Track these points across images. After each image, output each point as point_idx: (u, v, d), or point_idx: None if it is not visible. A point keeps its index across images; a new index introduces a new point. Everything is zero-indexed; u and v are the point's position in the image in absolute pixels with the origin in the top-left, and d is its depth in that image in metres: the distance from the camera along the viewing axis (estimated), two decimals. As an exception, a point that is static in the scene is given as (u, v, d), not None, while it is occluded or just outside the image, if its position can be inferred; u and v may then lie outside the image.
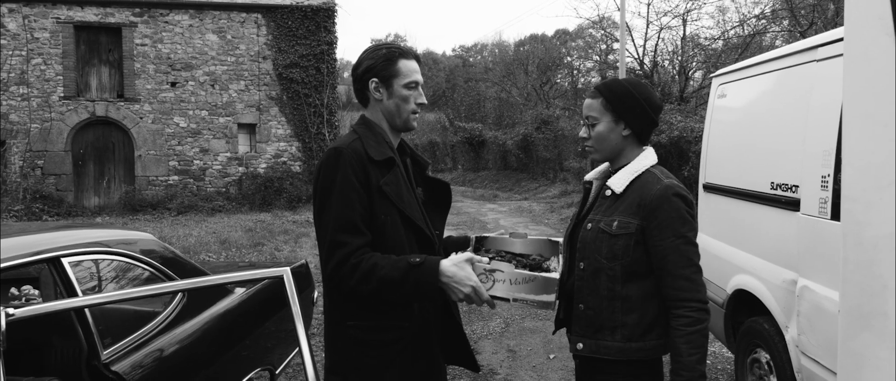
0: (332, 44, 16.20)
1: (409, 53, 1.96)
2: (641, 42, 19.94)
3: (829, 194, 2.57)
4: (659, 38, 19.83)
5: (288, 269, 1.65)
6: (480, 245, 2.12)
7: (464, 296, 1.72)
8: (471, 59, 57.60)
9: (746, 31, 19.36)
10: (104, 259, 2.35)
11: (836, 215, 2.55)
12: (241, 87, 15.91)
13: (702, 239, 4.01)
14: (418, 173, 2.11)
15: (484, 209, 15.78)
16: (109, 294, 1.89)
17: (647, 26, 19.96)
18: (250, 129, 16.12)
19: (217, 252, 9.42)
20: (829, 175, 2.57)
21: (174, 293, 2.58)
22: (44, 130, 14.83)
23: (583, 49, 36.82)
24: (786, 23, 17.28)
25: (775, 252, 3.06)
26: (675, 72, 20.20)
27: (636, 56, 19.62)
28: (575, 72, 37.52)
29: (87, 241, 2.29)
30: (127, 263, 2.43)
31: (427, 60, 55.14)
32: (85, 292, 2.16)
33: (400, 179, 1.90)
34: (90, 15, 15.07)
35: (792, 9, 15.45)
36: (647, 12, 20.27)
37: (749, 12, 21.72)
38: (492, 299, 1.73)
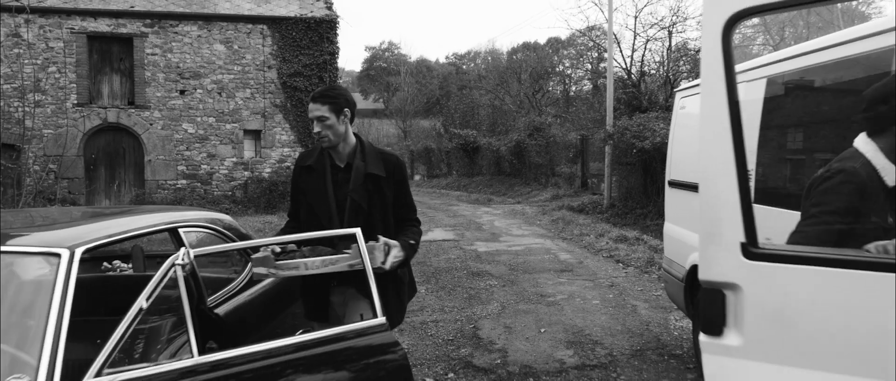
0: (334, 54, 16.96)
1: (313, 97, 2.73)
2: (629, 53, 20.77)
3: (752, 184, 3.34)
4: (646, 49, 20.62)
5: (358, 229, 2.40)
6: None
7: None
8: (464, 67, 58.47)
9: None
10: (202, 231, 3.09)
11: (760, 199, 3.31)
12: (247, 95, 16.63)
13: (667, 226, 4.79)
14: (364, 178, 2.76)
15: (479, 212, 16.53)
16: (243, 243, 2.63)
17: (635, 38, 20.79)
18: (256, 135, 16.84)
19: (232, 249, 10.11)
20: (751, 170, 3.34)
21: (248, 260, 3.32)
22: (58, 135, 15.50)
23: (575, 57, 37.74)
24: (760, 39, 18.27)
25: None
26: (661, 81, 21.05)
27: (624, 66, 20.44)
28: (567, 79, 38.42)
29: (190, 218, 3.03)
30: (217, 233, 3.18)
31: (421, 68, 56.03)
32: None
33: (316, 179, 2.78)
34: (103, 26, 15.78)
35: (765, 24, 16.46)
36: (635, 25, 21.13)
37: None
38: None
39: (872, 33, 2.58)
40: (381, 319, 2.35)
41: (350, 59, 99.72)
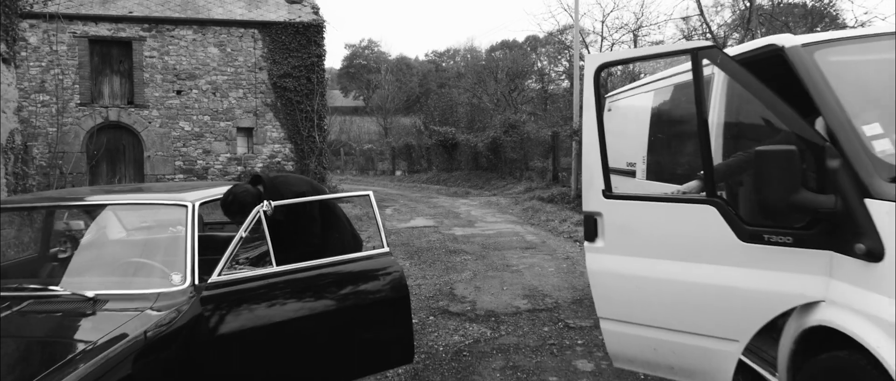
0: (321, 56, 18.17)
1: (225, 213, 3.69)
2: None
3: (645, 166, 4.70)
4: (612, 51, 22.09)
5: (371, 191, 3.69)
6: None
7: None
8: (444, 65, 59.70)
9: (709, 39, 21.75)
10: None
11: (650, 177, 4.67)
12: (239, 94, 17.78)
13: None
14: None
15: (457, 203, 17.85)
16: (299, 199, 3.91)
17: (602, 41, 22.24)
18: (248, 132, 18.00)
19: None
20: (645, 156, 4.70)
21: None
22: (62, 133, 16.52)
23: (552, 54, 39.13)
24: (736, 35, 19.84)
25: (628, 203, 5.20)
26: (629, 81, 22.51)
27: (592, 67, 21.87)
28: (545, 77, 39.78)
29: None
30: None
31: (401, 65, 57.15)
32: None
33: None
34: (103, 30, 16.82)
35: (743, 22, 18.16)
36: (602, 29, 22.58)
37: (710, 21, 24.48)
38: None
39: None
40: (385, 248, 3.65)
41: (330, 56, 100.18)
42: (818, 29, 22.25)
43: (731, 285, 2.85)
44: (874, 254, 2.37)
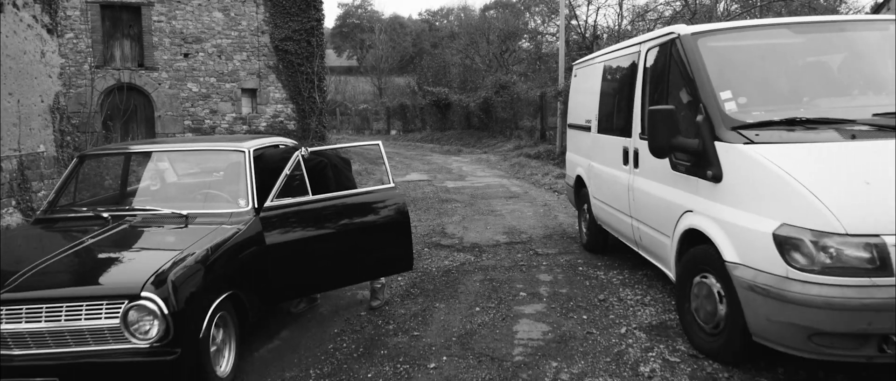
0: (320, 21, 19.08)
1: None
2: (584, 19, 23.13)
3: (597, 122, 5.89)
4: (597, 15, 23.06)
5: (380, 141, 4.86)
6: None
7: None
8: (437, 24, 60.04)
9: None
10: (286, 146, 5.52)
11: (600, 131, 5.86)
12: (243, 57, 18.75)
13: (567, 154, 7.34)
14: None
15: (450, 160, 19.02)
16: (331, 146, 5.07)
17: (589, 5, 23.14)
18: (252, 93, 19.02)
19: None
20: (596, 114, 5.87)
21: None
22: (78, 94, 17.52)
23: (547, 14, 39.69)
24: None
25: (585, 152, 6.39)
26: (615, 42, 23.43)
27: (581, 31, 22.82)
28: (538, 36, 40.42)
29: (280, 140, 5.47)
30: (291, 147, 5.61)
31: (394, 25, 57.48)
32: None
33: None
34: (113, -5, 17.68)
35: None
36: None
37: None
38: None
39: (633, 44, 5.08)
40: (390, 183, 4.84)
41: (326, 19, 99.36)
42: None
43: (666, 197, 4.24)
44: (717, 177, 3.58)
